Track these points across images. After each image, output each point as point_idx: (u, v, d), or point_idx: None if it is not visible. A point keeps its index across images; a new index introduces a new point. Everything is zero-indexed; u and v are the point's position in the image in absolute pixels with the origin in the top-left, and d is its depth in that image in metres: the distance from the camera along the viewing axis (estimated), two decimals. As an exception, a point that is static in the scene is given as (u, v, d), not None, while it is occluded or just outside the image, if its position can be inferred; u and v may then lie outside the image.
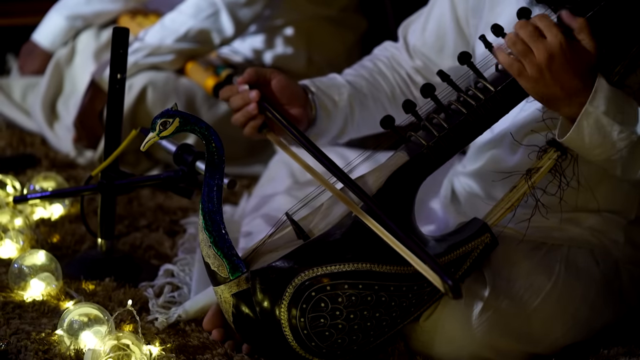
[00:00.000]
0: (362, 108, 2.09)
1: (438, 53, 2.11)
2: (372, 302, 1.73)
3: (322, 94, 2.05)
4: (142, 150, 1.74)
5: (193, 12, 2.80)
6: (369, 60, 2.18)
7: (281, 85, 1.98)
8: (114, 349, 1.71)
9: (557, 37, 1.69)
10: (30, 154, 2.77)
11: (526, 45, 1.70)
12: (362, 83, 2.11)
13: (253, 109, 1.94)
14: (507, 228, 1.89)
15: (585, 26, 1.71)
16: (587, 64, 1.71)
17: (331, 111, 2.05)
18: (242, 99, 1.95)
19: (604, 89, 1.72)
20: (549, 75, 1.70)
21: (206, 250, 1.75)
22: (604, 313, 1.94)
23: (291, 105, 1.99)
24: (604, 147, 1.74)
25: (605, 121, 1.72)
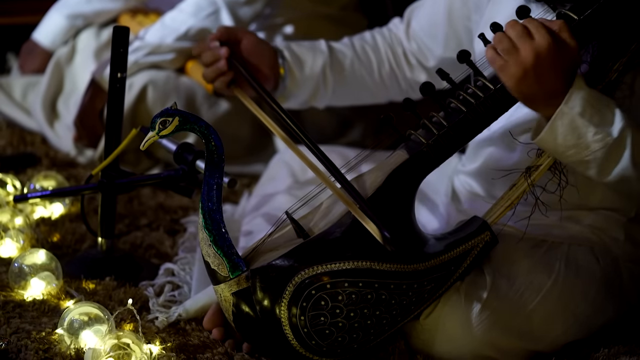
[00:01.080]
0: (338, 78, 2.18)
1: (432, 40, 2.16)
2: (372, 300, 1.73)
3: (294, 58, 2.14)
4: (142, 150, 1.74)
5: (193, 10, 2.80)
6: (371, 32, 2.25)
7: (251, 44, 2.07)
8: (114, 348, 1.70)
9: (546, 38, 1.69)
10: (30, 152, 2.77)
11: (512, 43, 1.70)
12: (346, 53, 2.19)
13: (223, 65, 2.02)
14: (507, 226, 1.89)
15: (563, 27, 1.71)
16: (570, 65, 1.72)
17: (299, 76, 2.14)
18: (212, 55, 2.04)
19: (581, 90, 1.72)
20: (533, 74, 1.70)
21: (206, 249, 1.75)
22: (605, 311, 1.94)
23: (260, 65, 2.09)
24: (577, 147, 1.74)
25: (580, 122, 1.72)
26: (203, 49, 2.06)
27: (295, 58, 2.15)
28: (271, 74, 2.10)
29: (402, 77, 2.21)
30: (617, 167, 1.75)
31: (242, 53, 2.07)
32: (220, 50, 2.03)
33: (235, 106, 2.82)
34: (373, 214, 1.71)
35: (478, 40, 1.80)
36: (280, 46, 2.16)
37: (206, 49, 2.05)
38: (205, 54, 2.05)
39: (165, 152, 2.10)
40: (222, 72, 2.03)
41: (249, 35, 2.08)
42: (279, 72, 2.13)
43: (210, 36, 2.06)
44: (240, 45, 2.07)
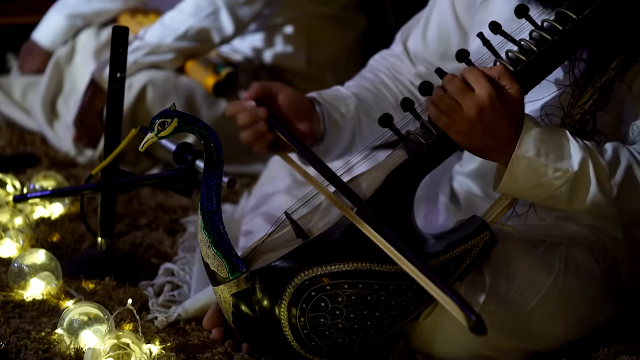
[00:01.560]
0: (368, 119, 2.05)
1: (441, 58, 2.10)
2: (372, 302, 1.73)
3: (330, 106, 2.01)
4: (141, 151, 1.74)
5: (193, 10, 2.80)
6: (368, 72, 2.16)
7: (289, 100, 1.93)
8: (114, 348, 1.70)
9: (486, 88, 1.68)
10: (30, 152, 2.77)
11: (454, 101, 1.69)
12: (366, 94, 2.08)
13: (262, 127, 1.89)
14: (506, 225, 1.89)
15: (503, 72, 1.70)
16: (515, 110, 1.71)
17: (340, 124, 2.02)
18: (249, 116, 1.89)
19: (532, 131, 1.71)
20: (481, 127, 1.69)
21: (205, 250, 1.75)
22: (604, 310, 1.94)
23: (299, 120, 1.95)
24: (541, 187, 1.73)
25: (537, 163, 1.72)
26: (238, 110, 1.91)
27: (331, 106, 2.01)
28: (312, 128, 1.96)
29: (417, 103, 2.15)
30: (587, 197, 1.74)
31: (279, 110, 1.93)
32: (258, 110, 1.89)
33: (235, 106, 2.82)
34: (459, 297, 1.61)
35: (473, 40, 1.80)
36: (314, 96, 2.02)
37: (241, 110, 1.91)
38: (241, 115, 1.90)
39: (165, 151, 2.10)
40: (262, 134, 1.89)
41: (285, 89, 1.94)
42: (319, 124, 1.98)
43: (245, 95, 1.92)
44: (276, 101, 1.93)
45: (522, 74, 1.74)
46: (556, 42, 1.75)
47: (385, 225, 1.71)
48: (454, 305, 1.60)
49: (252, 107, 1.90)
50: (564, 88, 1.82)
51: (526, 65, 1.75)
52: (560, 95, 1.83)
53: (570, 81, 1.81)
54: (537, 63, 1.74)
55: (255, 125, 1.89)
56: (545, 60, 1.75)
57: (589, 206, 1.75)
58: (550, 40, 1.75)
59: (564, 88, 1.82)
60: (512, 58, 1.76)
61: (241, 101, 1.91)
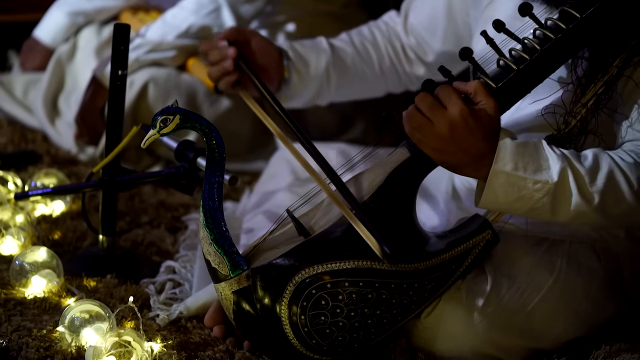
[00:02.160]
0: (341, 76, 2.17)
1: (431, 35, 2.16)
2: (372, 300, 1.73)
3: (299, 58, 2.14)
4: (142, 148, 1.74)
5: (195, 8, 2.80)
6: (367, 26, 2.26)
7: (259, 46, 2.07)
8: (115, 345, 1.70)
9: (457, 105, 1.68)
10: (31, 150, 2.77)
11: (425, 118, 1.69)
12: (347, 50, 2.19)
13: (229, 65, 2.02)
14: (508, 224, 1.89)
15: (479, 88, 1.70)
16: (489, 125, 1.70)
17: (304, 76, 2.14)
18: (219, 54, 2.03)
19: (507, 145, 1.70)
20: (452, 143, 1.69)
21: (207, 248, 1.75)
22: (606, 308, 1.94)
23: (266, 66, 2.09)
24: (522, 200, 1.72)
25: (516, 177, 1.71)
26: (210, 47, 2.05)
27: (300, 58, 2.15)
28: (276, 75, 2.10)
29: (401, 71, 2.21)
30: (570, 207, 1.73)
31: (249, 54, 2.06)
32: (228, 50, 2.02)
33: (236, 104, 2.82)
34: (372, 227, 1.70)
35: (478, 38, 1.80)
36: (284, 46, 2.16)
37: (213, 48, 2.04)
38: (212, 53, 2.04)
39: (166, 149, 2.09)
40: (227, 71, 2.03)
41: (257, 37, 2.08)
42: (284, 73, 2.12)
43: (219, 35, 2.06)
44: (248, 46, 2.07)
45: (523, 74, 1.74)
46: (560, 40, 1.74)
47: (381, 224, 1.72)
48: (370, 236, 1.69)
49: (223, 45, 2.03)
50: (566, 86, 1.82)
51: (529, 63, 1.74)
52: (563, 93, 1.83)
53: (573, 79, 1.81)
54: (540, 61, 1.74)
55: (223, 62, 2.02)
56: (549, 59, 1.75)
57: (573, 215, 1.74)
58: (553, 38, 1.74)
59: (567, 86, 1.82)
60: (516, 56, 1.75)
61: (214, 40, 2.05)
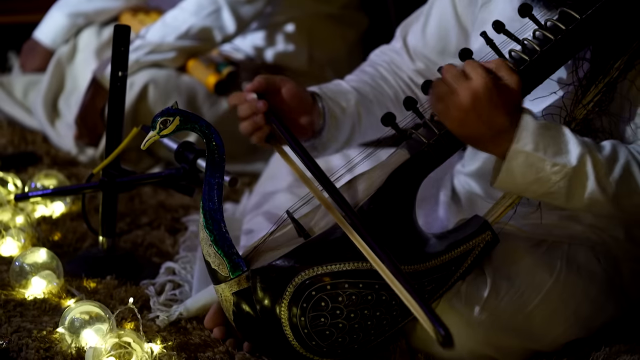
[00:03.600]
0: (368, 114, 2.07)
1: (440, 54, 2.10)
2: (372, 301, 1.73)
3: (330, 101, 2.03)
4: (142, 149, 1.74)
5: (195, 9, 2.80)
6: (368, 66, 2.16)
7: (291, 94, 1.94)
8: (115, 347, 1.70)
9: (482, 76, 1.67)
10: (31, 151, 2.78)
11: (449, 87, 1.69)
12: (366, 89, 2.09)
13: (260, 119, 1.91)
14: (508, 225, 1.89)
15: (502, 64, 1.70)
16: (512, 101, 1.70)
17: (339, 118, 2.03)
18: (249, 108, 1.92)
19: (529, 124, 1.70)
20: (475, 115, 1.68)
21: (207, 249, 1.75)
22: (606, 310, 1.94)
23: (300, 113, 1.97)
24: (539, 182, 1.72)
25: (535, 158, 1.70)
26: (240, 101, 1.94)
27: (331, 100, 2.03)
28: (312, 122, 1.98)
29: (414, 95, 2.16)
30: (585, 194, 1.72)
31: (282, 103, 1.94)
32: (258, 103, 1.91)
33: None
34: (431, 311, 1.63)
35: (475, 38, 1.80)
36: (316, 90, 2.04)
37: (243, 101, 1.93)
38: (241, 107, 1.93)
39: (166, 150, 2.10)
40: (259, 126, 1.92)
41: (288, 84, 1.95)
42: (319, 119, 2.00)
43: (248, 87, 1.95)
44: (279, 94, 1.95)
45: (524, 74, 1.74)
46: (559, 41, 1.74)
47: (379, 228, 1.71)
48: (426, 319, 1.62)
49: (252, 99, 1.92)
50: (567, 88, 1.82)
51: (529, 64, 1.74)
52: (564, 95, 1.83)
53: (574, 81, 1.81)
54: (540, 62, 1.74)
55: (253, 117, 1.91)
56: (549, 60, 1.75)
57: (587, 203, 1.74)
58: (553, 39, 1.74)
59: (568, 88, 1.82)
60: (515, 57, 1.75)
61: (243, 93, 1.94)
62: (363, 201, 1.76)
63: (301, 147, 1.85)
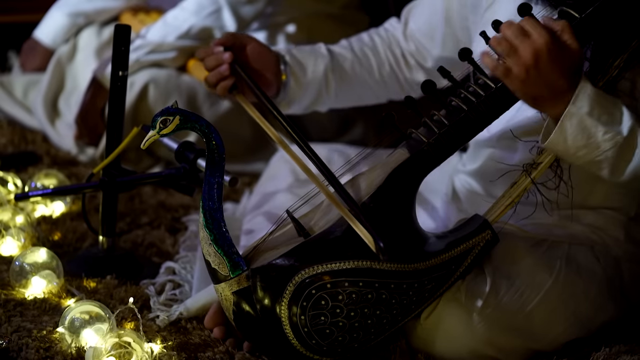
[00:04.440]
0: (340, 81, 2.18)
1: (429, 41, 2.16)
2: (372, 300, 1.73)
3: (296, 63, 2.14)
4: (142, 148, 1.74)
5: (195, 9, 2.80)
6: (368, 33, 2.25)
7: (255, 51, 2.07)
8: (115, 346, 1.70)
9: (543, 35, 1.67)
10: (31, 151, 2.78)
11: (511, 44, 1.69)
12: (347, 56, 2.19)
13: (225, 69, 2.02)
14: (508, 224, 1.89)
15: (567, 27, 1.70)
16: (572, 63, 1.70)
17: (302, 81, 2.14)
18: (215, 59, 2.04)
19: (588, 89, 1.71)
20: (536, 73, 1.68)
21: (207, 248, 1.75)
22: (605, 310, 1.94)
23: (263, 71, 2.09)
24: (588, 148, 1.72)
25: (589, 122, 1.71)
26: (207, 53, 2.05)
27: (298, 63, 2.14)
28: (274, 80, 2.10)
29: (402, 77, 2.21)
30: (630, 166, 1.73)
31: (246, 59, 2.06)
32: (224, 55, 2.02)
33: (236, 105, 2.82)
34: (368, 223, 1.71)
35: (477, 40, 1.80)
36: (282, 51, 2.15)
37: (210, 53, 2.05)
38: (208, 59, 2.05)
39: (167, 150, 2.10)
40: (224, 76, 2.03)
41: (253, 41, 2.08)
42: (282, 78, 2.12)
43: (215, 41, 2.06)
44: (244, 51, 2.07)
45: None
46: (559, 41, 1.74)
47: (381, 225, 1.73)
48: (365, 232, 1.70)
49: (219, 51, 2.04)
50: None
51: None
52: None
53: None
54: None
55: (219, 68, 2.03)
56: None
57: (630, 176, 1.74)
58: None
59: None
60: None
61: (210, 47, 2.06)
62: (363, 200, 1.76)
63: (264, 95, 1.98)
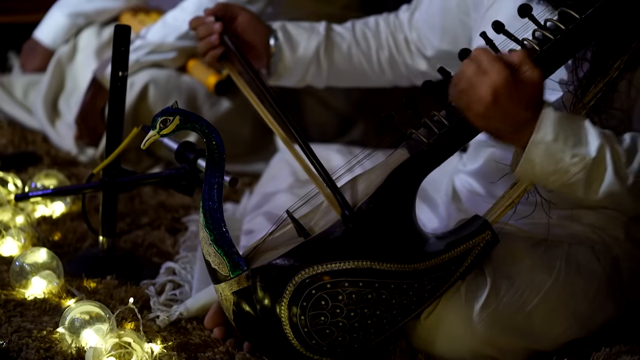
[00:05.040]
0: (333, 61, 2.22)
1: (430, 30, 2.17)
2: (372, 300, 1.73)
3: (287, 39, 2.19)
4: (143, 148, 1.74)
5: (195, 9, 2.80)
6: (375, 17, 2.29)
7: (246, 22, 2.13)
8: (115, 347, 1.71)
9: (501, 72, 1.67)
10: (31, 151, 2.78)
11: (470, 82, 1.69)
12: (345, 36, 2.23)
13: (215, 39, 2.09)
14: (507, 225, 1.89)
15: (524, 58, 1.70)
16: (533, 94, 1.70)
17: (291, 58, 2.19)
18: (206, 29, 2.10)
19: (550, 116, 1.70)
20: (494, 109, 1.68)
21: (207, 248, 1.75)
22: (605, 310, 1.94)
23: (253, 43, 2.14)
24: (558, 173, 1.72)
25: (555, 148, 1.70)
26: (199, 23, 2.12)
27: (289, 39, 2.19)
28: (264, 53, 2.16)
29: (402, 63, 2.24)
30: (603, 185, 1.72)
31: (236, 29, 2.12)
32: (215, 25, 2.09)
33: (236, 105, 2.82)
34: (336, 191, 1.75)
35: (478, 39, 1.80)
36: (275, 26, 2.20)
37: (201, 23, 2.11)
38: (200, 28, 2.11)
39: (167, 150, 2.10)
40: (213, 46, 2.09)
41: (245, 13, 2.14)
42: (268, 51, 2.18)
43: (207, 10, 2.12)
44: (235, 21, 2.12)
45: None
46: (559, 41, 1.74)
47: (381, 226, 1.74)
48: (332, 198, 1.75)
49: (210, 21, 2.10)
50: (567, 87, 1.82)
51: None
52: (564, 94, 1.83)
53: (574, 81, 1.81)
54: (539, 62, 1.74)
55: (209, 37, 2.09)
56: (548, 60, 1.75)
57: (605, 194, 1.73)
58: (552, 39, 1.74)
59: (567, 87, 1.82)
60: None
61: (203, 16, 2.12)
62: (362, 200, 1.76)
63: (250, 66, 2.02)
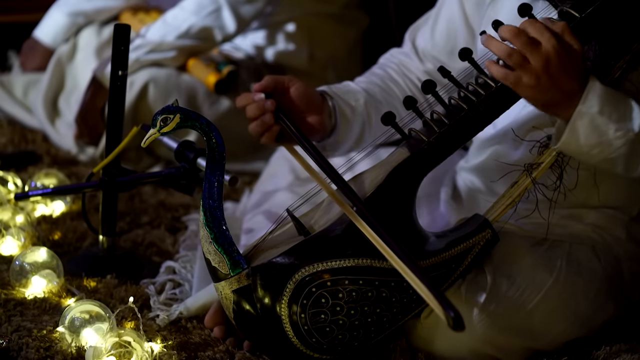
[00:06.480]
0: (377, 114, 2.03)
1: (449, 55, 2.09)
2: (372, 298, 1.73)
3: (341, 100, 2.01)
4: (143, 147, 1.74)
5: (195, 8, 2.80)
6: (378, 68, 2.16)
7: (300, 93, 1.93)
8: (115, 346, 1.71)
9: (550, 41, 1.68)
10: (31, 150, 2.78)
11: (522, 55, 1.69)
12: (375, 89, 2.08)
13: (269, 119, 1.89)
14: (508, 224, 1.89)
15: (567, 28, 1.70)
16: (578, 64, 1.71)
17: (350, 118, 2.02)
18: (257, 108, 1.90)
19: (597, 88, 1.71)
20: (547, 80, 1.69)
21: (207, 247, 1.75)
22: (606, 309, 1.94)
23: (310, 113, 1.95)
24: (601, 146, 1.73)
25: (600, 120, 1.71)
26: (248, 102, 1.92)
27: (341, 99, 2.02)
28: (322, 122, 1.97)
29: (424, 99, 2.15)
30: None
31: (290, 103, 1.93)
32: (266, 103, 1.89)
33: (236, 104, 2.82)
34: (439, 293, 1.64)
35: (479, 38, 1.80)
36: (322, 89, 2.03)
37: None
38: (249, 107, 1.91)
39: (167, 149, 2.10)
40: (268, 126, 1.90)
41: (296, 83, 1.94)
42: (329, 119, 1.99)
43: (255, 86, 1.92)
44: (288, 94, 1.93)
45: None
46: (559, 40, 1.74)
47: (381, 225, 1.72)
48: (437, 303, 1.62)
49: (260, 98, 1.90)
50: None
51: None
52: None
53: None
54: None
55: (262, 117, 1.89)
56: None
57: None
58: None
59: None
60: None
61: (251, 93, 1.92)
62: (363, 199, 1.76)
63: (311, 145, 1.85)
